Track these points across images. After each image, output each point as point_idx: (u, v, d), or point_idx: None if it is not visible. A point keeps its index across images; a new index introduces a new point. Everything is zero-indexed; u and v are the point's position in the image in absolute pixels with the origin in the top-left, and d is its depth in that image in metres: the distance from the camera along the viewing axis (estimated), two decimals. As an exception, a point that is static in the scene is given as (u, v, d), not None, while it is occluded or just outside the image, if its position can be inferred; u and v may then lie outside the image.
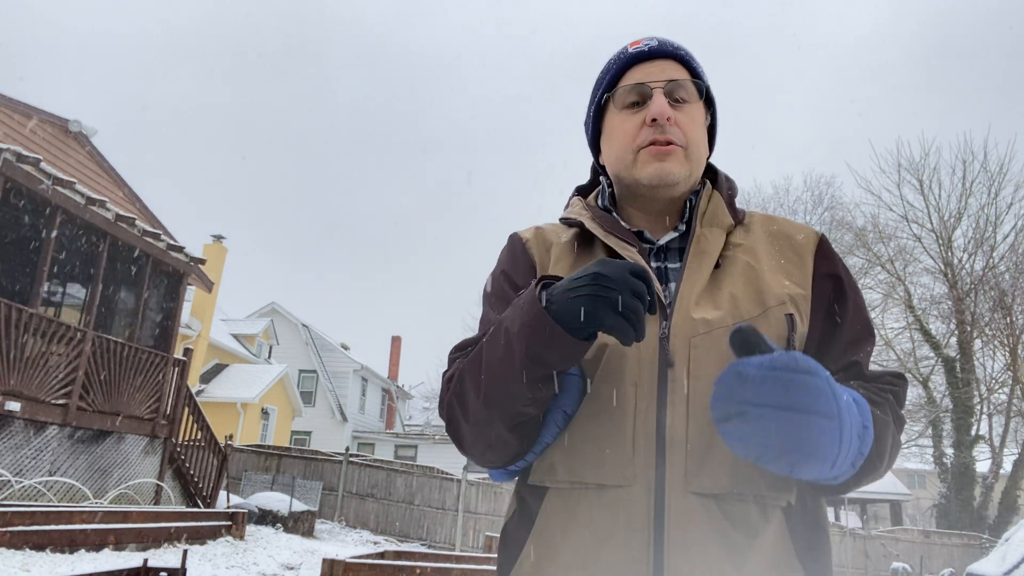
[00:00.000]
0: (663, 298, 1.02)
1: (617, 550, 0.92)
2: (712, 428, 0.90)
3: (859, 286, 1.11)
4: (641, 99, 1.11)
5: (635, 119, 1.10)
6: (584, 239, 1.14)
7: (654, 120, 1.06)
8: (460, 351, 1.07)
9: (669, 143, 1.07)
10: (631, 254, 1.05)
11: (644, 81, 1.10)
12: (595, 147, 1.23)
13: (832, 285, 1.08)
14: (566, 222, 1.19)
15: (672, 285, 1.05)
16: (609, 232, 1.10)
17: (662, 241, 1.11)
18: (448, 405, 1.02)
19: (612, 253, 1.08)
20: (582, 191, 1.28)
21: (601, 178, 1.24)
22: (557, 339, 0.87)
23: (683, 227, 1.12)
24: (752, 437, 0.79)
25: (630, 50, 1.14)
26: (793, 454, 0.78)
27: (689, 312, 0.99)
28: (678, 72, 1.11)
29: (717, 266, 1.06)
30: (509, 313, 0.94)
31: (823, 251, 1.10)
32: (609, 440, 0.96)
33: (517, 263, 1.16)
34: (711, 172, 1.21)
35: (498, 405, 0.94)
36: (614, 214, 1.16)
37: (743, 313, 0.98)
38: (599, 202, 1.20)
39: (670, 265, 1.08)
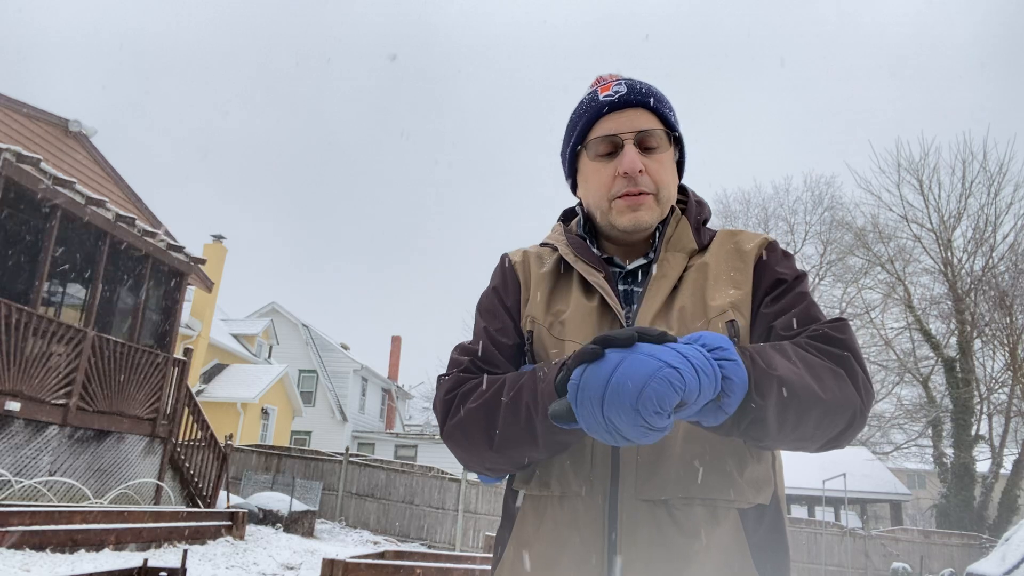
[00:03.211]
0: (624, 321, 1.12)
1: (575, 553, 1.02)
2: (662, 440, 0.99)
3: (803, 275, 1.17)
4: (613, 148, 1.17)
5: (608, 169, 1.17)
6: (563, 264, 1.25)
7: (626, 173, 1.14)
8: (463, 354, 1.19)
9: (641, 193, 1.16)
10: (596, 279, 1.16)
11: (615, 133, 1.17)
12: (572, 180, 1.31)
13: (768, 276, 1.15)
14: (545, 246, 1.31)
15: (635, 307, 1.15)
16: (579, 258, 1.20)
17: (630, 267, 1.21)
18: (450, 434, 1.09)
19: (583, 277, 1.19)
20: (568, 215, 1.37)
21: (577, 207, 1.33)
22: (576, 431, 0.95)
23: (652, 254, 1.20)
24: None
25: (600, 97, 1.20)
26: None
27: None
28: (648, 121, 1.18)
29: (676, 288, 1.15)
30: (530, 392, 0.99)
31: (766, 253, 1.18)
32: (570, 453, 1.06)
33: (506, 282, 1.28)
34: (684, 193, 1.31)
35: (511, 459, 1.05)
36: (588, 241, 1.26)
37: (689, 325, 1.08)
38: (577, 228, 1.30)
39: (635, 288, 1.19)
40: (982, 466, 21.89)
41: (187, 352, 12.24)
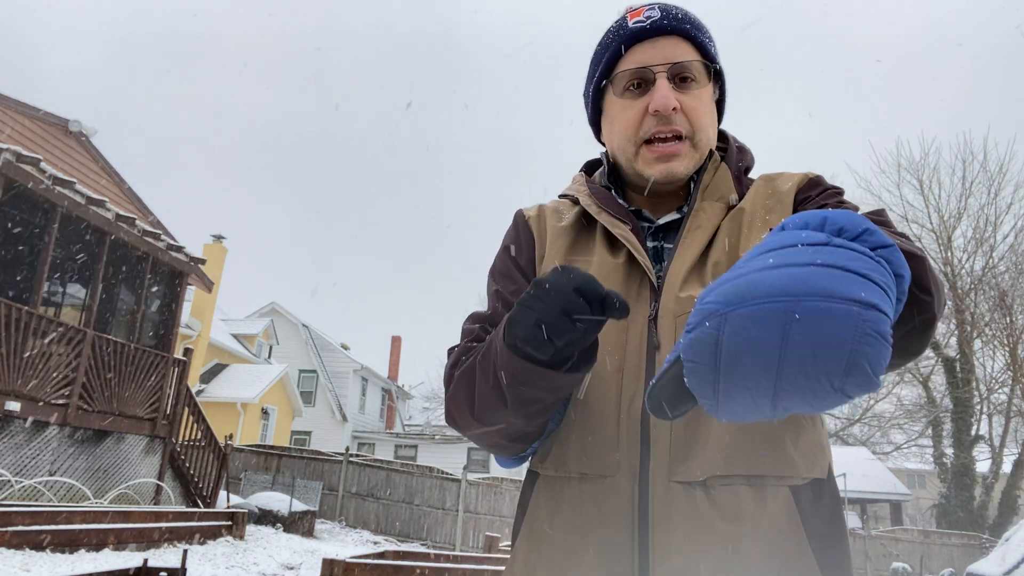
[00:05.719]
0: (654, 280, 0.98)
1: (601, 542, 0.88)
2: (699, 412, 0.80)
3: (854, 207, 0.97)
4: (643, 82, 1.03)
5: (636, 107, 1.02)
6: (585, 217, 1.11)
7: (657, 111, 0.99)
8: (474, 322, 1.05)
9: (674, 135, 1.01)
10: (623, 232, 1.01)
11: (645, 65, 1.02)
12: (596, 123, 1.16)
13: (812, 196, 1.02)
14: (564, 198, 1.16)
15: (666, 264, 1.00)
16: (602, 209, 1.06)
17: (661, 221, 1.06)
18: (447, 411, 0.99)
19: (608, 231, 1.05)
20: (591, 166, 1.22)
21: (602, 156, 1.19)
22: (536, 375, 0.80)
23: (685, 209, 1.05)
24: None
25: (630, 23, 1.04)
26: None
27: (676, 291, 0.95)
28: (683, 51, 1.02)
29: (712, 241, 0.99)
30: (490, 345, 0.88)
31: (806, 186, 1.04)
32: (593, 428, 0.92)
33: (519, 239, 1.13)
34: (723, 140, 1.16)
35: (495, 427, 0.92)
36: (613, 191, 1.11)
37: None
38: (601, 179, 1.15)
39: (667, 245, 1.04)
40: (982, 466, 21.91)
41: (187, 352, 12.24)
